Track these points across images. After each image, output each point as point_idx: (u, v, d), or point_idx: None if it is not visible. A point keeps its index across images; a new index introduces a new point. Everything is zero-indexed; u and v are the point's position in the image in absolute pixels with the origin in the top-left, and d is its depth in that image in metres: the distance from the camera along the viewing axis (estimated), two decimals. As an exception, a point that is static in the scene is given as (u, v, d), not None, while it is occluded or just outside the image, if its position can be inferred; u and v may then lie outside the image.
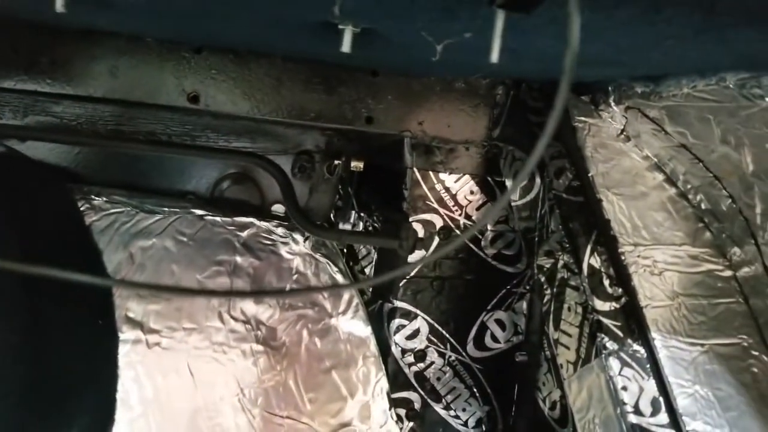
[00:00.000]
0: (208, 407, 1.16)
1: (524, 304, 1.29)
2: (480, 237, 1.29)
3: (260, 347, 1.23)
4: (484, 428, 1.29)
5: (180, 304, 1.20)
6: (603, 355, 0.90)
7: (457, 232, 1.27)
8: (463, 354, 1.28)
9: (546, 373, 1.17)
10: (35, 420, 0.99)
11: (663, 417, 0.84)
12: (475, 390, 1.28)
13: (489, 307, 1.29)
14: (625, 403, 0.85)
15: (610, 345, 0.90)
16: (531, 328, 1.26)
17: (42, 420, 1.00)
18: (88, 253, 1.20)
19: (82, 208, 1.21)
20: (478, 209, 1.28)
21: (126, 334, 1.15)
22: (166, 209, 1.25)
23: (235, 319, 1.23)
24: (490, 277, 1.29)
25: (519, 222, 1.26)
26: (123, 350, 1.14)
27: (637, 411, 0.84)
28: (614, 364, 0.88)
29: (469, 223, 1.28)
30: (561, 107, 0.59)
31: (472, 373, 1.28)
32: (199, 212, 1.27)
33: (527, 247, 1.27)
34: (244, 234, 1.29)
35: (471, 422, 1.28)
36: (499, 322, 1.30)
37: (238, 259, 1.27)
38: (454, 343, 1.28)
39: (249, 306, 1.25)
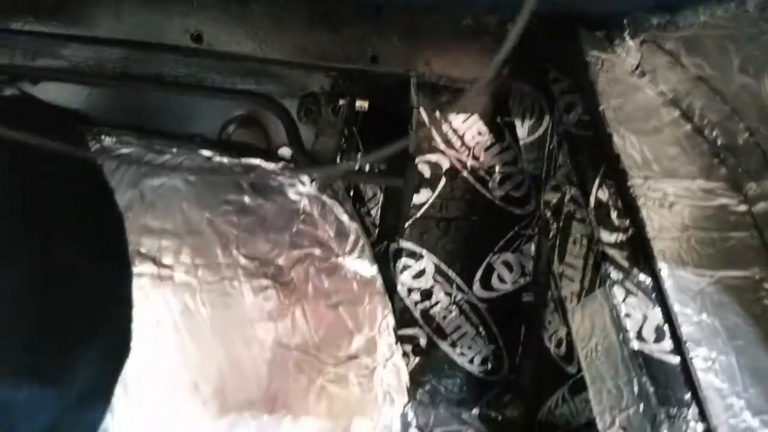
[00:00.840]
0: (219, 340, 1.19)
1: (532, 246, 1.28)
2: (488, 178, 1.27)
3: (269, 283, 1.25)
4: (489, 366, 1.29)
5: (192, 241, 1.23)
6: (607, 285, 0.88)
7: (465, 173, 1.26)
8: (470, 294, 1.28)
9: (552, 312, 1.17)
10: (48, 355, 1.02)
11: (667, 343, 0.83)
12: (480, 329, 1.29)
13: (496, 249, 1.29)
14: (627, 330, 0.84)
15: (615, 275, 0.89)
16: (538, 269, 1.25)
17: (55, 355, 1.03)
18: (100, 191, 1.22)
19: (93, 149, 1.22)
20: (486, 150, 1.26)
21: (138, 267, 1.18)
22: (174, 150, 1.26)
23: (245, 256, 1.25)
24: (498, 219, 1.28)
25: (527, 163, 1.24)
26: (136, 284, 1.17)
27: (640, 338, 0.83)
28: (618, 292, 0.87)
29: (477, 164, 1.26)
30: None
31: (478, 312, 1.28)
32: (207, 153, 1.28)
33: (536, 189, 1.25)
34: (251, 175, 1.30)
35: (477, 360, 1.29)
36: (506, 264, 1.29)
37: (246, 199, 1.28)
38: (461, 283, 1.27)
39: (258, 244, 1.27)
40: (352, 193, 1.39)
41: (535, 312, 1.23)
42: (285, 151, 1.33)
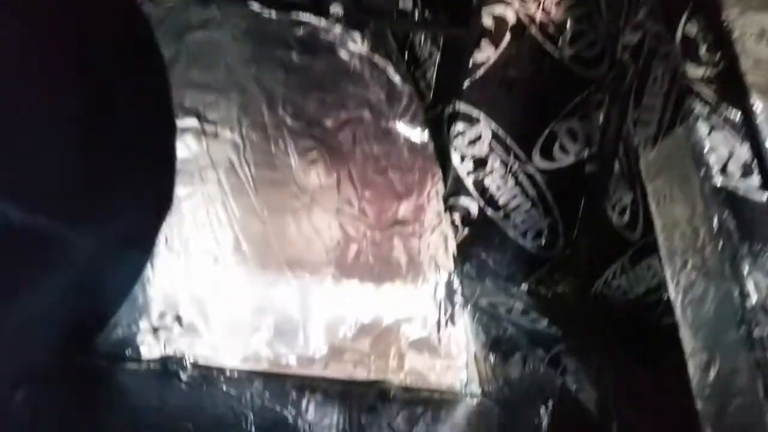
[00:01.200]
0: (263, 199, 1.17)
1: (601, 114, 1.16)
2: (558, 36, 1.14)
3: (315, 144, 1.21)
4: (543, 241, 1.21)
5: (237, 97, 1.19)
6: (690, 120, 0.77)
7: (533, 29, 1.14)
8: (528, 163, 1.19)
9: (618, 179, 1.06)
10: (90, 194, 1.01)
11: (754, 179, 0.72)
12: (537, 201, 1.20)
13: (561, 115, 1.17)
14: (711, 166, 0.73)
15: (700, 109, 0.77)
16: (606, 137, 1.13)
17: (97, 196, 1.03)
18: (147, 42, 1.19)
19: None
20: (557, 3, 1.13)
21: (182, 122, 1.16)
22: (221, 3, 1.21)
23: (291, 116, 1.21)
24: (566, 82, 1.15)
25: (604, 15, 1.10)
26: (179, 138, 1.15)
27: (725, 174, 0.73)
28: (702, 127, 0.76)
29: (547, 19, 1.13)
30: None
31: (535, 183, 1.19)
32: (255, 7, 1.22)
33: (611, 45, 1.12)
34: (301, 32, 1.23)
35: (530, 234, 1.22)
36: (571, 132, 1.18)
37: (294, 56, 1.23)
38: (518, 151, 1.18)
39: (305, 103, 1.22)
40: (406, 55, 1.31)
41: (599, 182, 1.12)
42: (337, 9, 1.25)
